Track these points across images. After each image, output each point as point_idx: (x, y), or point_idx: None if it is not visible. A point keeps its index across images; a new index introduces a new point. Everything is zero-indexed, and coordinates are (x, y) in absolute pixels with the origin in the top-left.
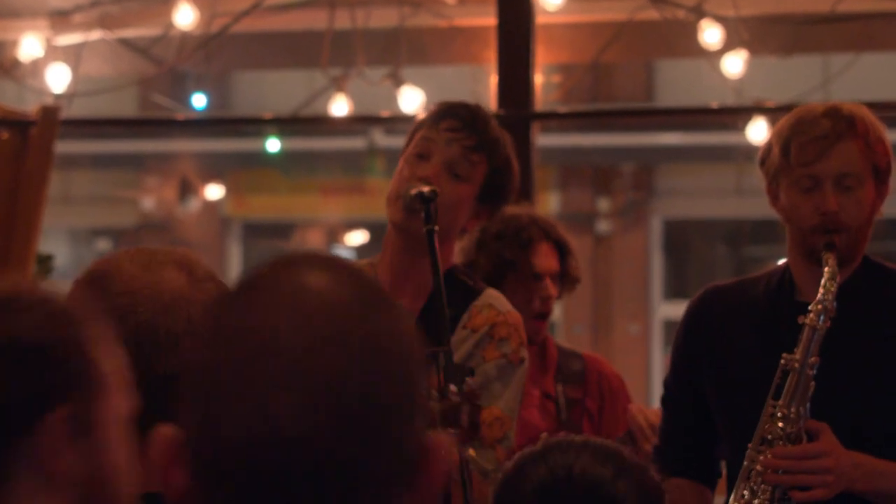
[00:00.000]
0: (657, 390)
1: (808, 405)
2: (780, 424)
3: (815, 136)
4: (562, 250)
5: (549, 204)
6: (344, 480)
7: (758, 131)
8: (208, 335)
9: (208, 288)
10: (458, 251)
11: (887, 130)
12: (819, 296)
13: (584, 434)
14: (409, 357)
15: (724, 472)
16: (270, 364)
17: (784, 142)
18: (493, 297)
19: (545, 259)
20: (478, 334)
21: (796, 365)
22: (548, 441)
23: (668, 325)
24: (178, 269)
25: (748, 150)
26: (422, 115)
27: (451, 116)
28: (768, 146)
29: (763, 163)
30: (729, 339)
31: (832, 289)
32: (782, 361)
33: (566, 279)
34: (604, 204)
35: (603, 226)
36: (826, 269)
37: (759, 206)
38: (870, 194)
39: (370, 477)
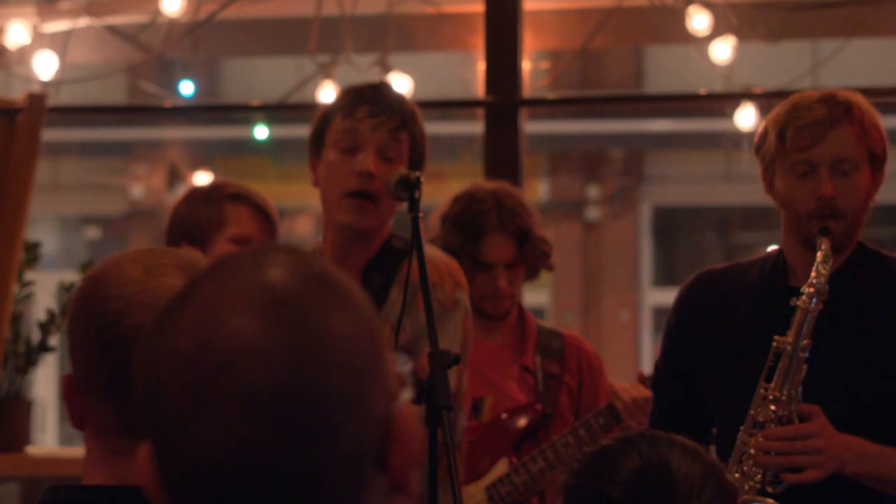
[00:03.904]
0: None
1: (799, 388)
2: (772, 407)
3: (811, 122)
4: (521, 238)
5: (538, 191)
6: (304, 487)
7: (746, 117)
8: (152, 349)
9: None
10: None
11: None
12: (811, 278)
13: (562, 407)
14: (360, 344)
15: (714, 454)
16: (210, 382)
17: (780, 127)
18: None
19: (496, 249)
20: (409, 285)
21: (788, 347)
22: (626, 433)
23: (658, 311)
24: (180, 275)
25: (737, 137)
26: (326, 105)
27: (366, 102)
28: (764, 132)
29: (758, 149)
30: (722, 324)
31: (825, 272)
32: (774, 344)
33: (525, 266)
34: (593, 191)
35: (592, 212)
36: (819, 252)
37: (748, 193)
38: (865, 180)
39: (331, 477)
